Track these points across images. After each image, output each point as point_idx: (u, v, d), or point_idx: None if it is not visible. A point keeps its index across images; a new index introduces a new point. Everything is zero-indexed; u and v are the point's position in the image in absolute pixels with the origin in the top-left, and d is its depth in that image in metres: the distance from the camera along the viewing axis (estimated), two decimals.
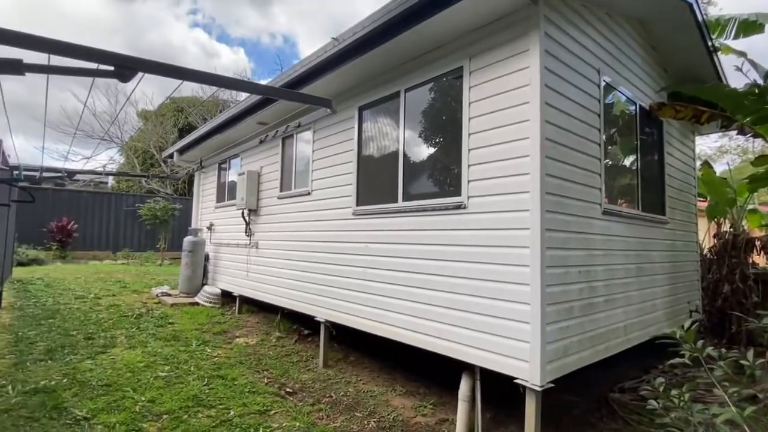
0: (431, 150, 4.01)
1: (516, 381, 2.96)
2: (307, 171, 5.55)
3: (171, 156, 9.89)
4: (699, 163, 6.54)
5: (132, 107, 23.51)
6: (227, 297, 7.80)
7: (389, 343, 4.11)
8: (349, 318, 4.54)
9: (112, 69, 1.65)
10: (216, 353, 5.08)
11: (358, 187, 4.66)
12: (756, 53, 5.51)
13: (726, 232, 6.30)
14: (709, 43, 4.92)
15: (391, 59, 4.10)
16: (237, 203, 7.03)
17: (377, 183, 4.45)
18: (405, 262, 3.97)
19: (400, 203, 4.09)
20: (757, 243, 6.24)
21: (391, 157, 4.27)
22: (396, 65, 4.22)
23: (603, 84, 3.84)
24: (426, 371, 4.42)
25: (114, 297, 8.14)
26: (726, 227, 6.40)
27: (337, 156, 5.00)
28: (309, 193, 5.47)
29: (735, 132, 5.45)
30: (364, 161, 4.66)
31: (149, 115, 23.16)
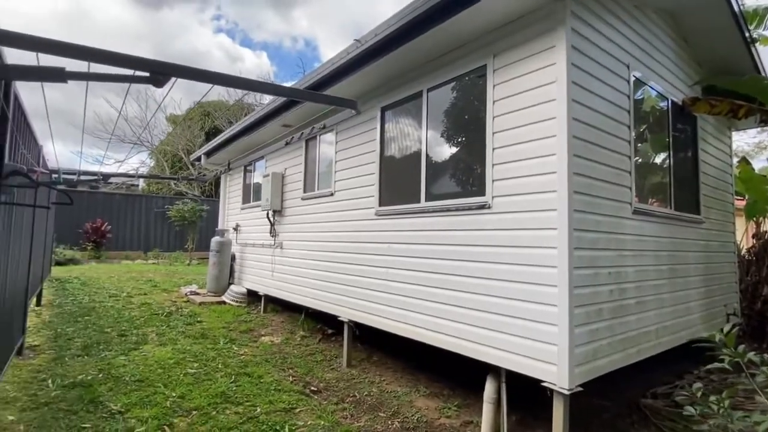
0: (454, 150, 3.99)
1: (543, 384, 2.90)
2: (330, 172, 5.60)
3: (198, 159, 10.17)
4: (736, 160, 6.26)
5: (161, 112, 24.32)
6: (253, 296, 7.96)
7: (412, 344, 4.10)
8: (372, 318, 4.55)
9: (147, 75, 1.71)
10: (242, 351, 5.18)
11: (380, 188, 4.67)
12: None
13: (766, 231, 6.01)
14: (746, 34, 4.70)
15: (414, 59, 4.10)
16: (262, 204, 7.16)
17: (400, 183, 4.45)
18: (427, 262, 3.95)
19: (422, 203, 4.07)
20: None
21: (414, 157, 4.26)
22: (419, 65, 4.21)
23: (633, 79, 3.72)
24: (449, 373, 4.39)
25: (145, 296, 8.42)
26: (766, 226, 6.11)
27: (360, 157, 5.03)
28: (332, 194, 5.52)
29: None
30: (386, 162, 4.67)
31: (177, 120, 23.90)
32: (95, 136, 22.28)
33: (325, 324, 6.21)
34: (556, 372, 2.83)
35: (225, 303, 8.02)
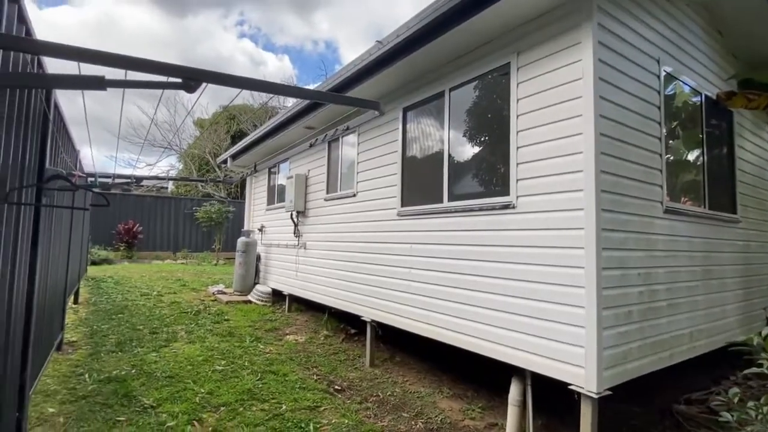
0: (477, 149, 3.95)
1: (570, 387, 2.84)
2: (352, 173, 5.65)
3: (225, 162, 10.43)
4: None
5: (189, 117, 25.04)
6: (277, 295, 8.10)
7: (434, 345, 4.09)
8: (394, 318, 4.56)
9: (179, 81, 1.77)
10: (268, 349, 5.28)
11: (402, 188, 4.67)
12: None
13: None
14: None
15: (436, 59, 4.09)
16: (286, 205, 7.28)
17: (422, 184, 4.45)
18: (449, 262, 3.93)
19: (445, 203, 4.06)
20: None
21: (436, 158, 4.25)
22: (441, 65, 4.20)
23: (663, 74, 3.60)
24: (473, 374, 4.35)
25: (175, 294, 8.69)
26: None
27: (382, 158, 5.05)
28: (354, 195, 5.56)
29: None
30: (408, 162, 4.67)
31: (204, 124, 24.55)
32: (127, 140, 23.21)
33: (348, 324, 6.26)
34: (583, 375, 2.76)
35: (251, 302, 8.19)
